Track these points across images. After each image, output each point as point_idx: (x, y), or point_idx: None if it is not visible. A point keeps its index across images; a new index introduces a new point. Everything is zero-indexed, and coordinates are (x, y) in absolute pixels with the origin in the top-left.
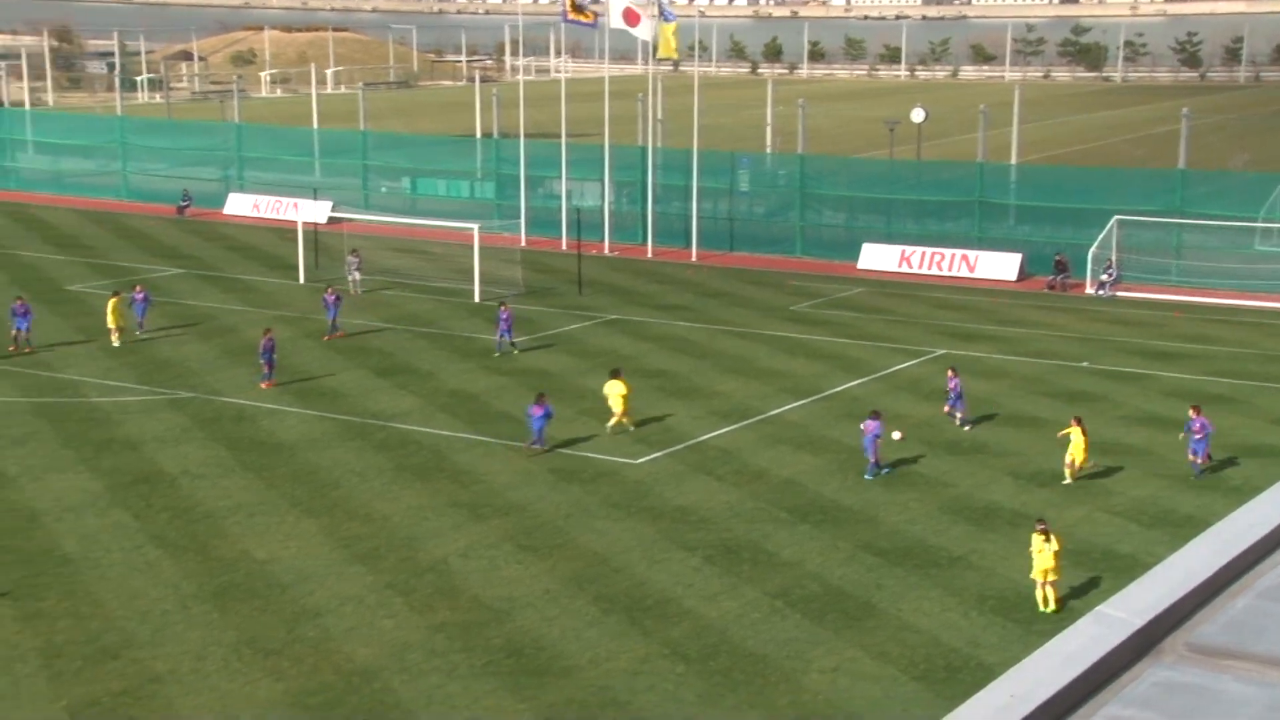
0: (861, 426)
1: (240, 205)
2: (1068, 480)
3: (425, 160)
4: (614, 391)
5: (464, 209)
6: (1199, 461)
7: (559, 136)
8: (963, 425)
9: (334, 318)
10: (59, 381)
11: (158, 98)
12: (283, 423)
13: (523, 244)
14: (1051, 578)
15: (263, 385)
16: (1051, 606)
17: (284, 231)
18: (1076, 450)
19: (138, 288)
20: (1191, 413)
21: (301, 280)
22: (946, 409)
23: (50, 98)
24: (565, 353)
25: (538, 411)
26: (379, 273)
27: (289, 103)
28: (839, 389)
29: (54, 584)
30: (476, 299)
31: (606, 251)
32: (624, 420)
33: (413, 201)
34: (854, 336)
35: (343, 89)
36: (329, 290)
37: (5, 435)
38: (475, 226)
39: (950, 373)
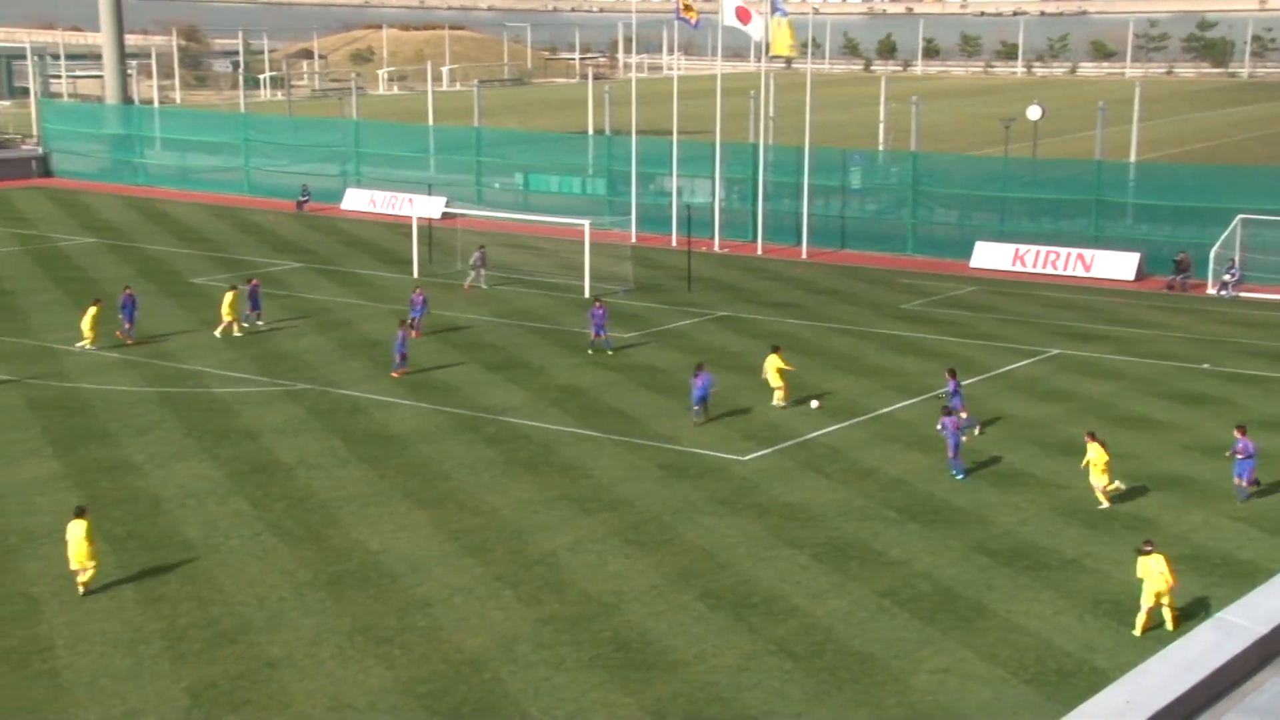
0: (939, 426)
1: (357, 200)
2: (1104, 504)
3: (538, 157)
4: (772, 367)
5: (575, 205)
6: (1244, 485)
7: (670, 134)
8: (971, 427)
9: (419, 317)
10: (183, 372)
11: (279, 95)
12: (396, 415)
13: (633, 240)
14: (1165, 600)
15: (394, 375)
16: (1170, 626)
17: (398, 226)
18: (1096, 470)
19: (253, 280)
20: (1237, 434)
21: (415, 274)
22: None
23: (178, 96)
24: (674, 349)
25: (699, 383)
26: (492, 268)
27: (406, 100)
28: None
29: (176, 569)
30: (587, 294)
31: (716, 248)
32: (782, 396)
33: (525, 197)
34: (965, 335)
35: (458, 86)
36: (417, 291)
37: (132, 424)
38: (586, 223)
39: (948, 375)
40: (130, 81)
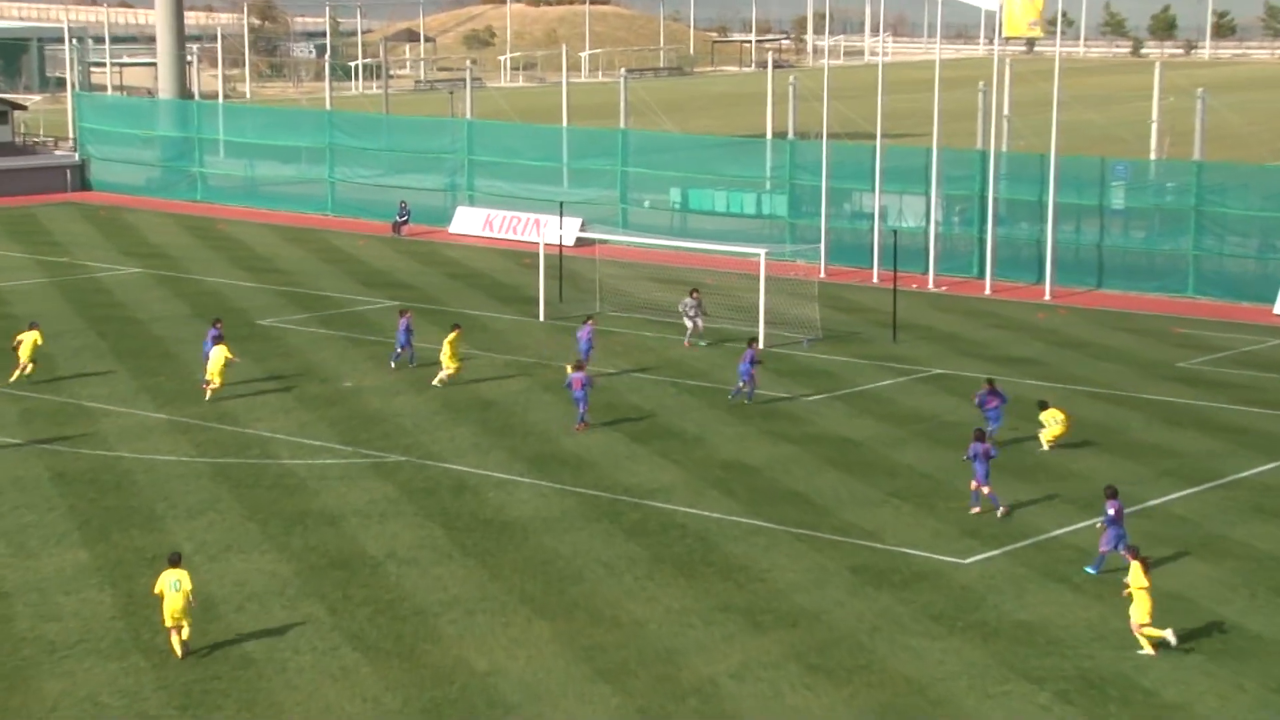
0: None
1: (469, 222)
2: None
3: (700, 167)
4: (1052, 420)
5: (748, 229)
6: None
7: (873, 137)
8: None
9: (585, 356)
10: (245, 438)
11: (374, 88)
12: (513, 496)
13: (821, 276)
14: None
15: (576, 428)
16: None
17: (521, 255)
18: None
19: (405, 313)
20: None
21: (541, 317)
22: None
23: (247, 89)
24: (872, 415)
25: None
26: (637, 308)
27: (533, 94)
28: (1245, 474)
29: (232, 690)
30: (761, 344)
31: (931, 286)
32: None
33: (683, 219)
34: (1269, 405)
35: (600, 77)
36: (587, 322)
37: (180, 504)
38: (762, 252)
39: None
40: (189, 71)
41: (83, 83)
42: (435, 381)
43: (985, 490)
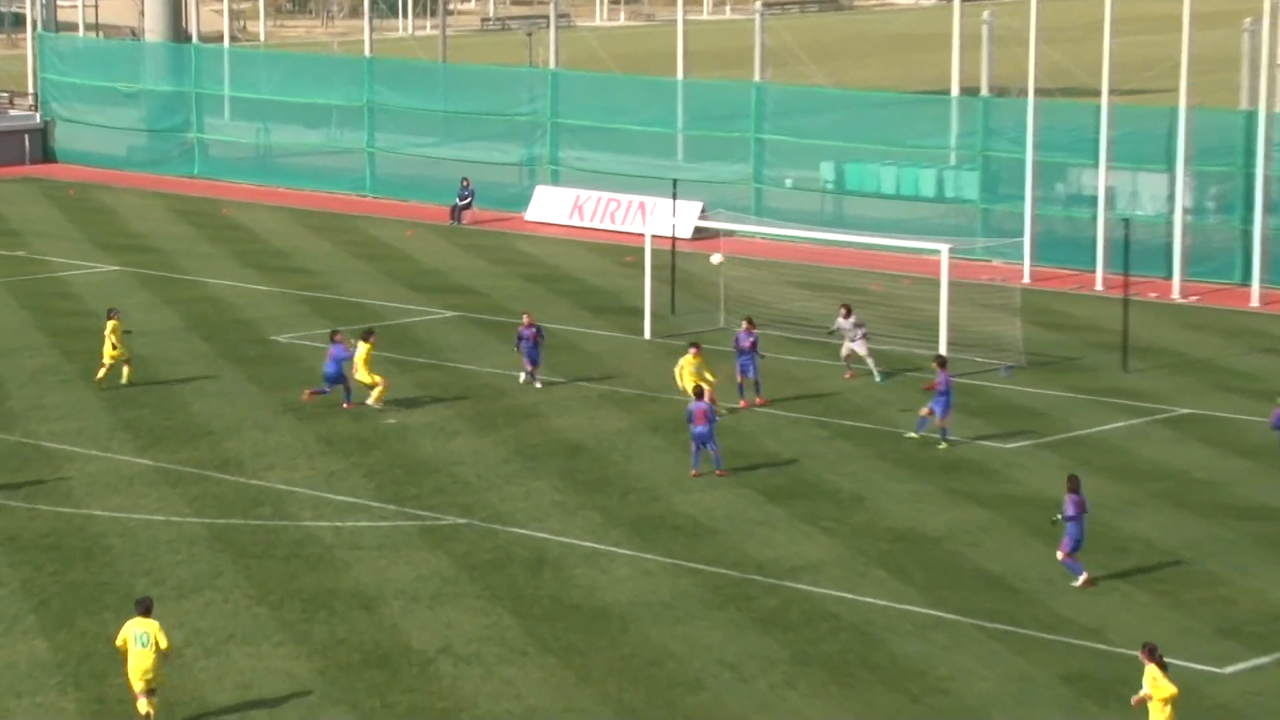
0: None
1: (551, 206)
2: None
3: (861, 134)
4: None
5: (925, 217)
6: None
7: (1097, 94)
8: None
9: (746, 374)
10: (253, 492)
11: (428, 28)
12: (608, 573)
13: (1025, 280)
14: None
15: (719, 473)
16: None
17: (620, 250)
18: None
19: (527, 322)
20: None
21: (647, 334)
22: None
23: (261, 28)
24: (1095, 470)
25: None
26: (774, 323)
27: (637, 36)
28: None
29: None
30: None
31: (1176, 295)
32: None
33: (837, 203)
34: None
35: (728, 12)
36: (748, 328)
37: (168, 579)
38: (944, 248)
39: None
40: (185, 5)
41: (46, 20)
42: (371, 401)
43: None
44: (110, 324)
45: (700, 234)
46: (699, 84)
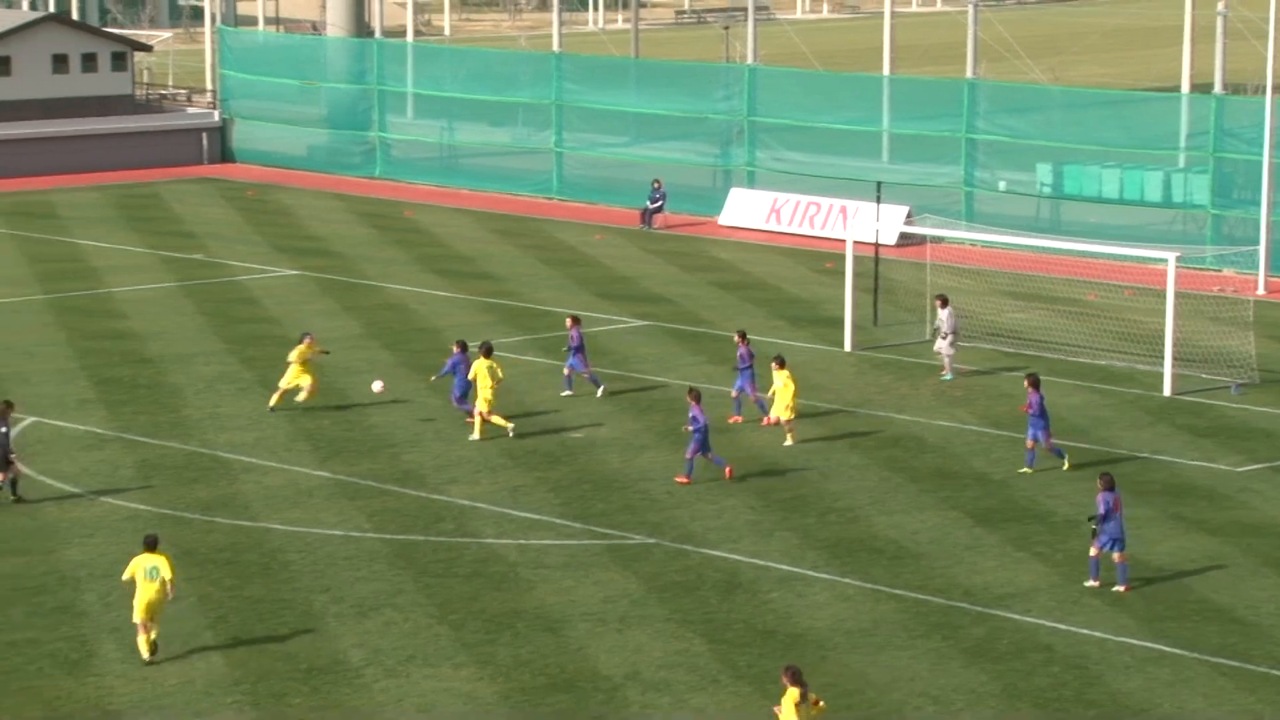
0: None
1: (747, 210)
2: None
3: (1082, 134)
4: None
5: (1150, 223)
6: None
7: None
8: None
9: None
10: (435, 507)
11: (620, 21)
12: (805, 598)
13: (1260, 291)
14: None
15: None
16: None
17: (820, 256)
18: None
19: (571, 322)
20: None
21: (848, 345)
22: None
23: (446, 22)
24: None
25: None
26: (984, 335)
27: (841, 30)
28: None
29: None
30: (1167, 390)
31: None
32: None
33: (1054, 209)
34: None
35: (938, 4)
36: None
37: (347, 597)
38: (1171, 257)
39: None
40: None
41: (226, 14)
42: (299, 398)
43: None
44: (300, 348)
45: (906, 240)
46: (907, 80)
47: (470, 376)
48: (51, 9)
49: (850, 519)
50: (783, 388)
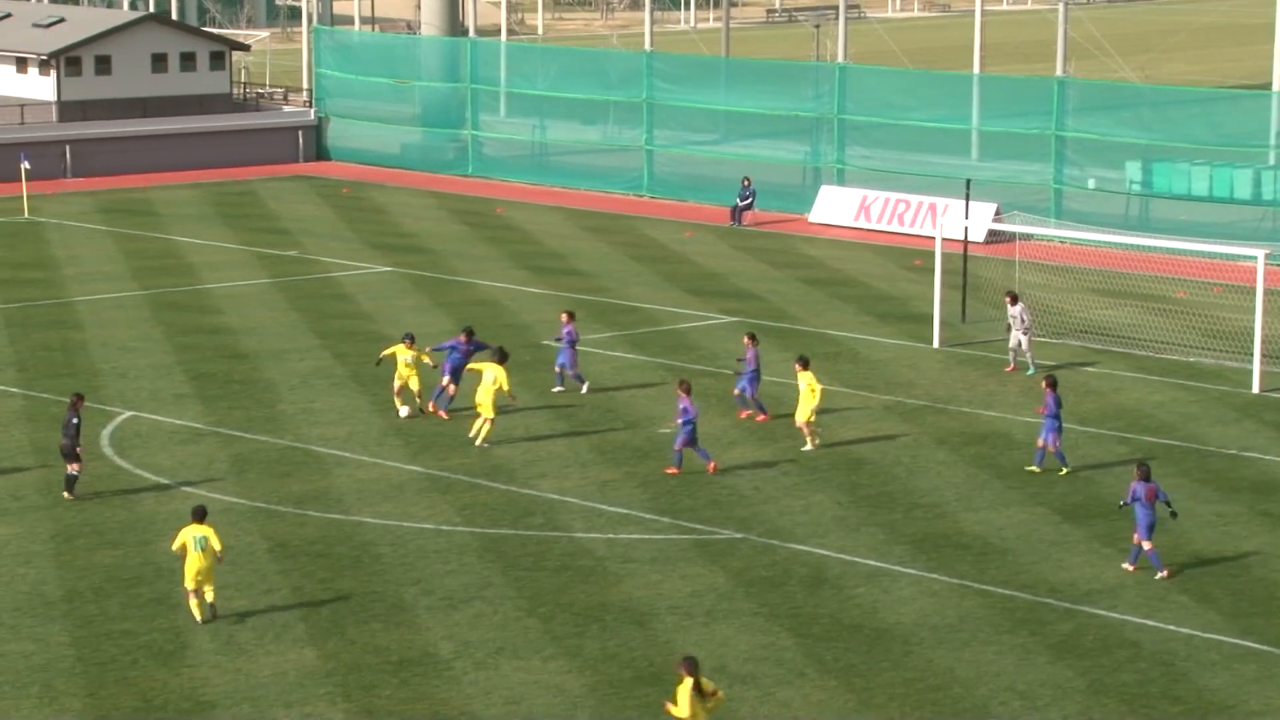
0: None
1: (837, 207)
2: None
3: (1172, 132)
4: None
5: (1239, 221)
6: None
7: None
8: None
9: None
10: (524, 501)
11: (711, 19)
12: (891, 593)
13: None
14: None
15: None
16: None
17: (909, 253)
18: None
19: (566, 318)
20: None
21: (936, 342)
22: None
23: (539, 20)
24: None
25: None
26: (1072, 333)
27: (931, 28)
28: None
29: None
30: (1255, 387)
31: None
32: None
33: (1143, 206)
34: None
35: (1028, 2)
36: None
37: (437, 589)
38: (1260, 254)
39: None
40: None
41: (323, 14)
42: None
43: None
44: (400, 348)
45: (995, 237)
46: (996, 78)
47: (481, 377)
48: (151, 9)
49: (937, 514)
50: (806, 390)
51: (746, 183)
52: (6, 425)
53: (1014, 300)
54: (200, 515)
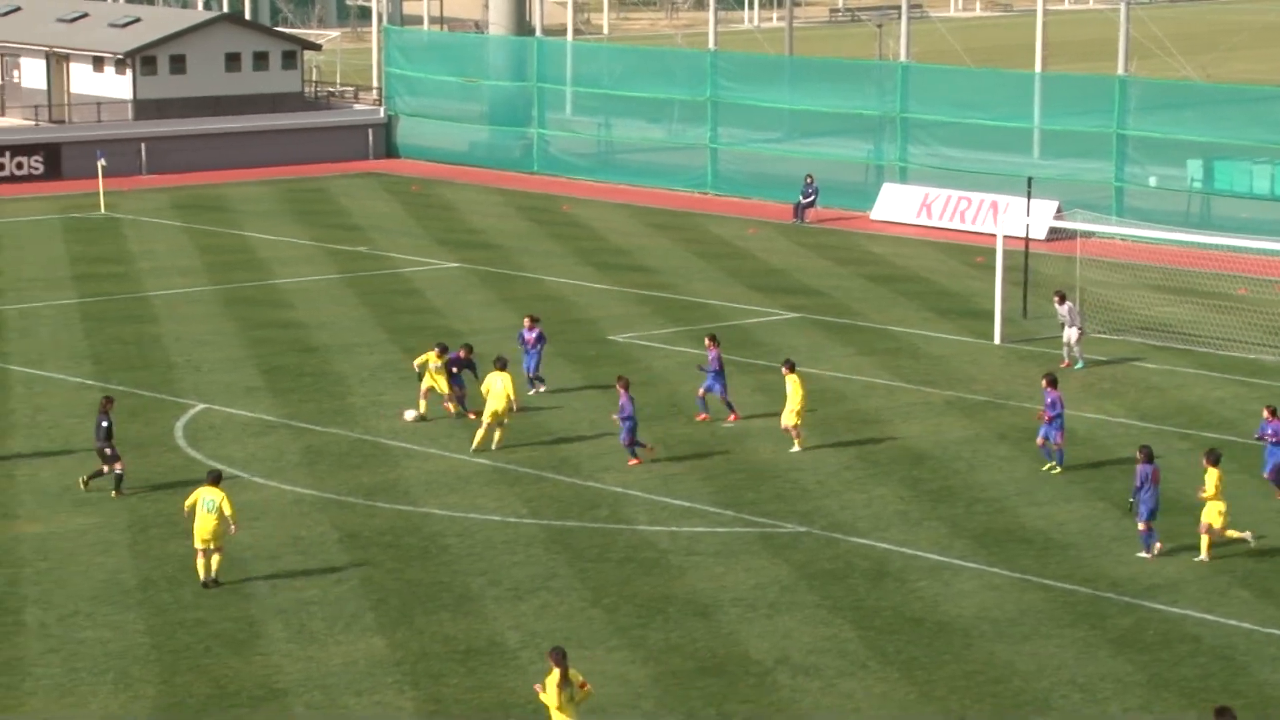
0: None
1: (898, 204)
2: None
3: (1233, 130)
4: None
5: None
6: None
7: None
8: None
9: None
10: (590, 494)
11: (775, 19)
12: (952, 586)
13: None
14: None
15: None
16: None
17: (970, 250)
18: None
19: (529, 322)
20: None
21: (997, 338)
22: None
23: (605, 20)
24: None
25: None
26: (1133, 329)
27: (994, 27)
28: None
29: None
30: None
31: None
32: None
33: (1204, 204)
34: None
35: (1090, 2)
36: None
37: (504, 580)
38: None
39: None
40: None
41: (392, 13)
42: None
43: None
44: (430, 355)
45: (1056, 234)
46: (1058, 77)
47: (484, 389)
48: (225, 9)
49: (998, 509)
50: (792, 393)
51: (809, 180)
52: (83, 417)
53: (1061, 299)
54: (215, 479)
